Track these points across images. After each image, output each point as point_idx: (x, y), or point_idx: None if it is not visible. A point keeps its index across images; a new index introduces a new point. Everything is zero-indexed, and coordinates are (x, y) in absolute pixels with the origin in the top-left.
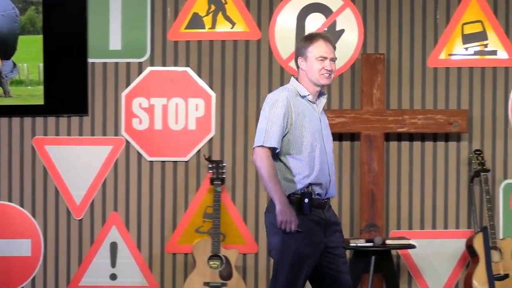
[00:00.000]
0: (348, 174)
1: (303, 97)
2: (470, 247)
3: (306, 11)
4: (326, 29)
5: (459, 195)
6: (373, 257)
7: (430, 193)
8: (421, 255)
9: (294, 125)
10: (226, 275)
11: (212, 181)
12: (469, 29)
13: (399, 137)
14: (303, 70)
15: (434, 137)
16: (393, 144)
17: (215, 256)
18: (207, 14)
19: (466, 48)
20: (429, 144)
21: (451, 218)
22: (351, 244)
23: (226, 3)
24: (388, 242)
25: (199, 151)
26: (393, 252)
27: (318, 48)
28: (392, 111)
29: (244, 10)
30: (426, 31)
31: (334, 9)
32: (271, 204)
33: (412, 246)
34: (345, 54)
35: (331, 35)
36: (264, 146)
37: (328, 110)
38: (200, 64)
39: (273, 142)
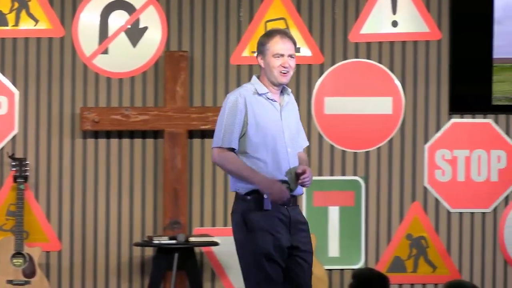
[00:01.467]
0: (152, 172)
1: (261, 95)
2: None
3: (110, 8)
4: (129, 26)
5: None
6: (176, 255)
7: None
8: (224, 252)
9: (250, 124)
10: (29, 273)
11: (15, 178)
12: (273, 27)
13: (203, 134)
14: (262, 67)
15: None
16: (197, 142)
17: (18, 254)
18: (10, 12)
19: None
20: None
21: None
22: (154, 242)
23: (29, 0)
24: (191, 239)
25: (2, 148)
26: (197, 249)
27: (275, 45)
28: (196, 109)
29: (48, 7)
30: (229, 29)
31: (137, 7)
32: (235, 205)
33: (215, 243)
34: (148, 52)
35: (134, 33)
36: (222, 147)
37: (131, 107)
38: (3, 62)
39: (231, 143)
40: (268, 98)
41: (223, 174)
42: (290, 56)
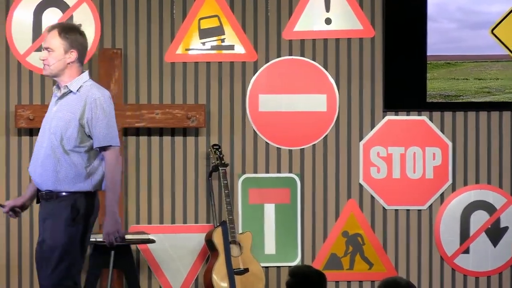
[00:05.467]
0: None
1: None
2: (209, 242)
3: (43, 6)
4: None
5: (197, 190)
6: (112, 252)
7: (169, 187)
8: (160, 250)
9: None
10: None
11: None
12: (206, 24)
13: (137, 131)
14: None
15: (172, 132)
16: (132, 139)
17: None
18: None
19: (204, 43)
20: (167, 139)
21: (190, 213)
22: (91, 239)
23: None
24: (128, 237)
25: None
26: (133, 247)
27: None
28: (130, 106)
29: None
30: (163, 26)
31: (70, 4)
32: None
33: (151, 241)
34: None
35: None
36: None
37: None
38: None
39: None
40: (54, 92)
41: (158, 171)
42: (46, 48)
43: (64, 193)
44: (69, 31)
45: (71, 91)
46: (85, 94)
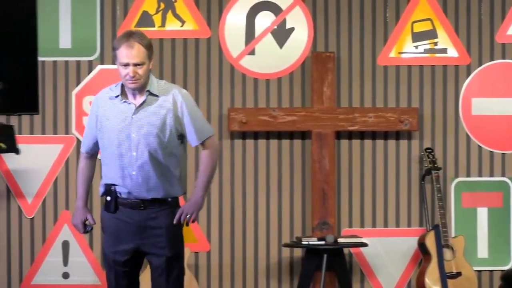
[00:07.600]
0: (300, 173)
1: (112, 98)
2: (422, 245)
3: (256, 9)
4: (275, 27)
5: (410, 193)
6: (325, 255)
7: (382, 191)
8: (373, 253)
9: (99, 126)
10: None
11: None
12: (419, 27)
13: (350, 135)
14: None
15: (385, 135)
16: (344, 142)
17: None
18: (157, 12)
19: (416, 46)
20: (380, 142)
21: (403, 216)
22: (303, 243)
23: (175, 1)
24: (340, 240)
25: None
26: (346, 250)
27: (120, 55)
28: (343, 109)
29: (194, 8)
30: (376, 29)
31: (283, 8)
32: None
33: (364, 244)
34: (295, 52)
35: (281, 34)
36: (81, 152)
37: (278, 108)
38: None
39: (83, 147)
40: (121, 100)
41: (371, 175)
42: (136, 64)
43: (170, 199)
44: (147, 39)
45: (153, 95)
46: (169, 93)
